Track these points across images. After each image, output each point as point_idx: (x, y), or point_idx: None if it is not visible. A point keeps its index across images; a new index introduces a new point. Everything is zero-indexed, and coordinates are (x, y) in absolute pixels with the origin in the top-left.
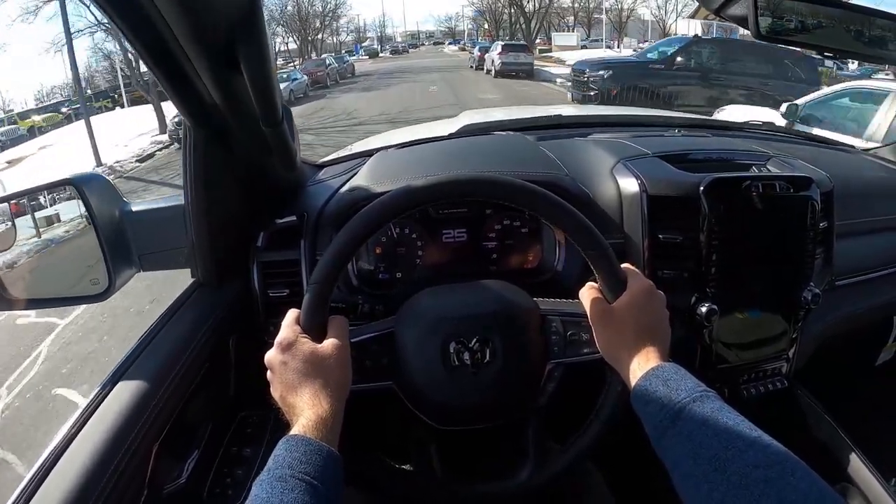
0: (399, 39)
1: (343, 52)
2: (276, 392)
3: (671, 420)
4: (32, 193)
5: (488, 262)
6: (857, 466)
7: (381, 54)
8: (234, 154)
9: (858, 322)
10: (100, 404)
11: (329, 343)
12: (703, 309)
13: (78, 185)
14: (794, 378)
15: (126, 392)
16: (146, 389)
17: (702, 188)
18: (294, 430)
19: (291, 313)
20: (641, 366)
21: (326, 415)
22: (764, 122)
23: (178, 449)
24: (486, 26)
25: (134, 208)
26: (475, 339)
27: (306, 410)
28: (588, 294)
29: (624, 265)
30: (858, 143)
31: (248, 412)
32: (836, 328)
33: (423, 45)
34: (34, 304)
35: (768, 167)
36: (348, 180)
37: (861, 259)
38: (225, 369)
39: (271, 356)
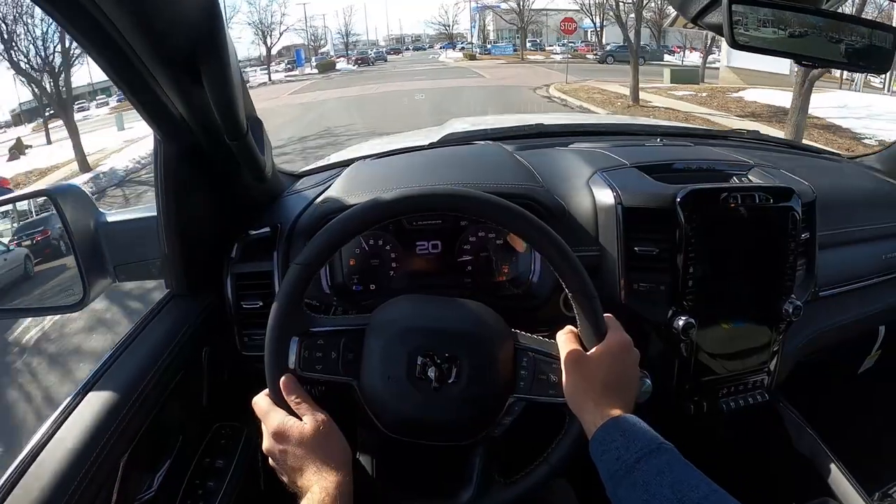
0: (382, 44)
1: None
2: (285, 478)
3: (627, 470)
4: (9, 203)
5: (463, 274)
6: (839, 479)
7: (342, 66)
8: (204, 166)
9: (842, 333)
10: (70, 413)
11: (311, 420)
12: (681, 322)
13: (53, 196)
14: (775, 390)
15: (97, 401)
16: (117, 399)
17: (678, 200)
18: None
19: (263, 399)
20: (603, 415)
21: (332, 486)
22: (748, 131)
23: (148, 460)
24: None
25: (109, 219)
26: (444, 356)
27: (314, 488)
28: (565, 338)
29: (606, 315)
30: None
31: (222, 423)
32: (819, 340)
33: (407, 49)
34: (7, 313)
35: (750, 177)
36: (323, 191)
37: (845, 269)
38: (198, 380)
39: (269, 447)
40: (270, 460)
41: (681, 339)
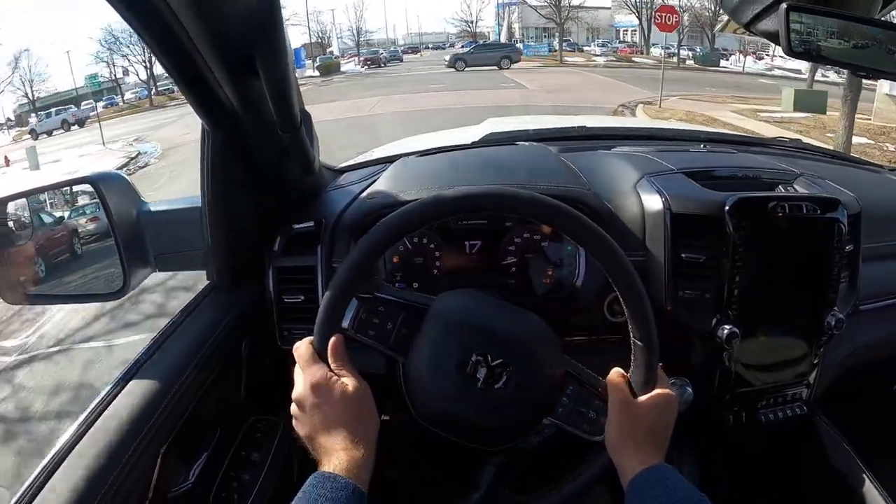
0: (401, 42)
1: None
2: (302, 429)
3: None
4: (51, 189)
5: (506, 275)
6: (874, 496)
7: (349, 67)
8: (252, 158)
9: (882, 348)
10: (111, 402)
11: (354, 385)
12: (725, 332)
13: (96, 184)
14: (814, 404)
15: (138, 391)
16: (158, 389)
17: (727, 208)
18: (326, 469)
19: (307, 347)
20: (643, 461)
21: (361, 458)
22: (790, 139)
23: (186, 451)
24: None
25: (152, 208)
26: (499, 361)
27: (340, 453)
28: (616, 381)
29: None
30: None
31: (258, 417)
32: (859, 354)
33: (426, 48)
34: (49, 299)
35: (795, 186)
36: (367, 187)
37: (887, 283)
38: (236, 373)
39: (302, 395)
40: (294, 408)
41: (724, 349)
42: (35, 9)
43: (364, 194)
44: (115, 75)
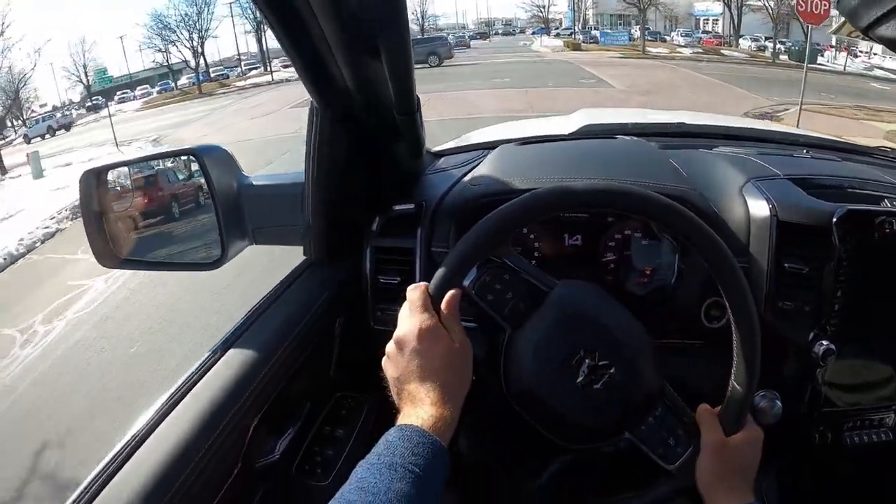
0: (472, 27)
1: None
2: (394, 371)
3: None
4: (156, 159)
5: (605, 271)
6: None
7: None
8: (359, 137)
9: None
10: (207, 371)
11: (463, 343)
12: (821, 348)
13: (199, 155)
14: None
15: (235, 362)
16: (254, 361)
17: (835, 219)
18: (409, 420)
19: (422, 293)
20: (738, 500)
21: (448, 417)
22: (893, 149)
23: (275, 424)
24: None
25: (253, 182)
26: (604, 362)
27: (428, 406)
28: (707, 419)
29: None
30: None
31: (345, 394)
32: None
33: (495, 34)
34: (146, 266)
35: None
36: (468, 172)
37: None
38: (328, 349)
39: (405, 338)
40: (392, 348)
41: (818, 365)
42: None
43: (466, 179)
44: (168, 61)
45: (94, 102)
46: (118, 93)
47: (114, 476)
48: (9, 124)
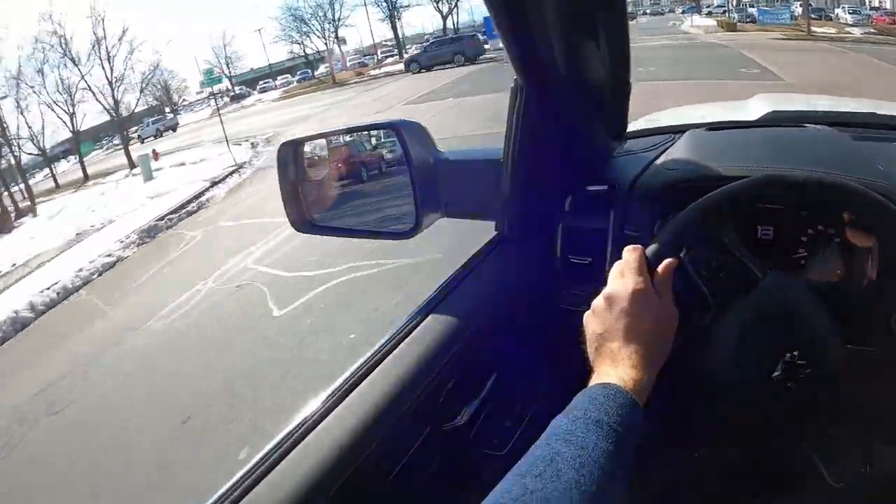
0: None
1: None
2: (598, 326)
3: None
4: (359, 131)
5: (796, 266)
6: None
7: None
8: (560, 115)
9: None
10: (410, 332)
11: (673, 313)
12: None
13: (398, 129)
14: None
15: (434, 326)
16: (451, 329)
17: None
18: (608, 379)
19: (640, 255)
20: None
21: (646, 383)
22: None
23: (464, 391)
24: None
25: (449, 157)
26: (803, 363)
27: (629, 368)
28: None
29: None
30: None
31: None
32: None
33: (644, 14)
34: (339, 232)
35: None
36: (659, 155)
37: None
38: (517, 325)
39: (618, 295)
40: (600, 303)
41: None
42: None
43: (659, 163)
44: (304, 51)
45: (238, 92)
46: (260, 82)
47: (319, 424)
48: (167, 110)
